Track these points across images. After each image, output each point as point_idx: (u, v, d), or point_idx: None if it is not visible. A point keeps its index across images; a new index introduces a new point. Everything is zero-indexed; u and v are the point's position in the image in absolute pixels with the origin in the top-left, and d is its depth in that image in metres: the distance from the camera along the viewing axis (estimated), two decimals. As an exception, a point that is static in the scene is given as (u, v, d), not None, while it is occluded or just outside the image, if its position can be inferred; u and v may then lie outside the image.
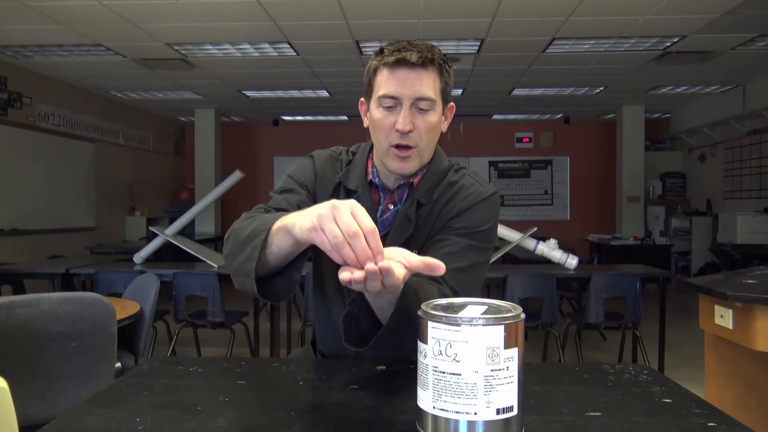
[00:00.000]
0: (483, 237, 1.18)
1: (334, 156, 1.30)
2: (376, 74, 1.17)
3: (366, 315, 0.97)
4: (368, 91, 1.21)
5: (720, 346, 2.24)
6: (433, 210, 1.20)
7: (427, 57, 1.13)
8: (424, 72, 1.13)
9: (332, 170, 1.27)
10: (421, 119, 1.14)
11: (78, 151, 7.10)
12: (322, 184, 1.25)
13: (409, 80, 1.12)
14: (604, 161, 9.50)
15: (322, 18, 4.62)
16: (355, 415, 0.79)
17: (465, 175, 1.26)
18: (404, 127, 1.12)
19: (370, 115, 1.20)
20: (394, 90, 1.13)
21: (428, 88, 1.13)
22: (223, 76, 6.61)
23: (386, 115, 1.15)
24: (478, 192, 1.21)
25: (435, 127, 1.17)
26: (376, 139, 1.20)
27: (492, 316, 0.66)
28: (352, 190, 1.23)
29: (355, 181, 1.24)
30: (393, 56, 1.13)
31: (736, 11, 4.39)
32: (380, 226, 1.20)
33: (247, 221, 1.07)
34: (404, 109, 1.13)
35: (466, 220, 1.18)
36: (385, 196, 1.24)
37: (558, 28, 4.87)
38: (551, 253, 4.16)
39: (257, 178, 9.81)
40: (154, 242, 4.51)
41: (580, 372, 1.00)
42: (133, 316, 2.49)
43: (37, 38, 5.13)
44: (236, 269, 1.01)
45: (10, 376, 0.96)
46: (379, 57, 1.17)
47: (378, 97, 1.16)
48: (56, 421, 0.75)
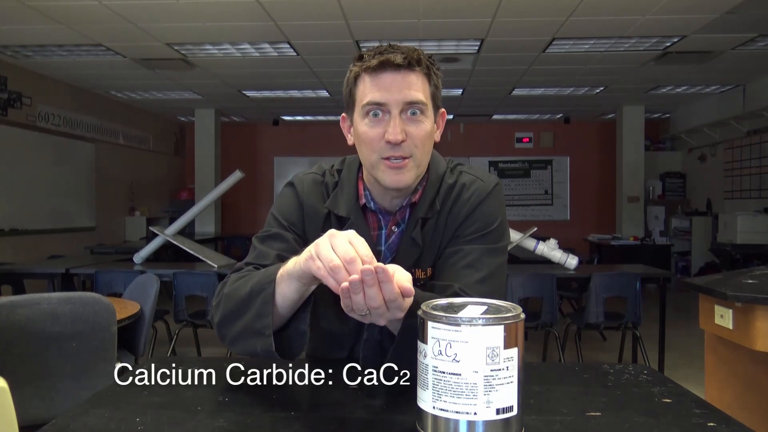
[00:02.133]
0: (496, 236, 1.08)
1: (317, 180, 1.15)
2: (357, 83, 1.04)
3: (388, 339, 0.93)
4: (349, 104, 1.08)
5: (720, 346, 2.24)
6: (438, 221, 1.09)
7: (413, 57, 1.01)
8: (412, 74, 1.01)
9: (318, 197, 1.13)
10: (413, 127, 1.02)
11: (78, 151, 7.10)
12: (310, 216, 1.12)
13: (396, 84, 1.00)
14: (604, 161, 9.50)
15: (322, 18, 4.62)
16: (355, 415, 0.79)
17: (462, 173, 1.14)
18: (395, 137, 0.99)
19: (355, 131, 1.07)
20: (379, 96, 1.00)
21: (417, 91, 1.01)
22: (223, 76, 6.61)
23: (373, 126, 1.02)
24: (481, 188, 1.10)
25: (429, 136, 1.05)
26: (363, 153, 1.06)
27: (492, 316, 0.66)
28: (344, 217, 1.10)
29: (345, 207, 1.11)
30: (375, 59, 1.01)
31: (736, 11, 4.38)
32: (387, 251, 1.11)
33: (240, 282, 0.98)
34: (393, 117, 1.01)
35: (476, 222, 1.08)
36: (386, 219, 1.12)
37: (558, 28, 4.87)
38: (551, 253, 4.16)
39: (257, 178, 9.81)
40: (154, 242, 4.51)
41: (580, 372, 1.00)
42: (133, 316, 2.49)
43: (37, 38, 5.13)
44: (240, 332, 0.94)
45: (10, 376, 0.96)
46: (359, 63, 1.04)
47: (362, 107, 1.03)
48: (56, 421, 0.75)
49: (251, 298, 0.93)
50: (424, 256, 1.09)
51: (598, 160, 9.67)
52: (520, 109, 8.64)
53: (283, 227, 1.11)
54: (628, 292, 3.82)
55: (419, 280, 1.10)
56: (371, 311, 0.79)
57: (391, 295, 0.77)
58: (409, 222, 1.10)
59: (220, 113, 8.96)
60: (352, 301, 0.78)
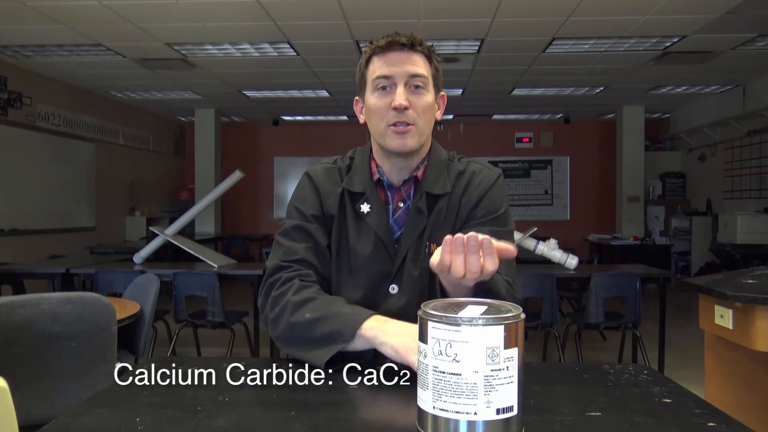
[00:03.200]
0: (504, 220, 1.20)
1: (328, 167, 1.27)
2: (368, 65, 1.20)
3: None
4: (361, 86, 1.23)
5: (720, 346, 2.24)
6: (451, 202, 1.20)
7: (416, 40, 1.17)
8: (415, 53, 1.16)
9: (331, 181, 1.24)
10: (416, 98, 1.16)
11: (78, 151, 7.10)
12: (326, 196, 1.22)
13: (401, 59, 1.15)
14: (604, 161, 9.50)
15: (322, 18, 4.62)
16: (355, 415, 0.79)
17: (470, 162, 1.27)
18: (400, 102, 1.13)
19: (366, 105, 1.21)
20: (387, 71, 1.15)
21: (420, 66, 1.16)
22: (223, 76, 6.61)
23: (382, 97, 1.16)
24: (489, 176, 1.23)
25: (430, 107, 1.18)
26: (373, 124, 1.20)
27: (492, 316, 0.66)
28: (359, 192, 1.21)
29: (360, 184, 1.22)
30: (383, 40, 1.17)
31: (736, 11, 4.38)
32: (395, 226, 1.21)
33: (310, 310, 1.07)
34: (399, 86, 1.15)
35: (487, 205, 1.19)
36: (392, 194, 1.23)
37: (558, 28, 4.87)
38: (551, 253, 4.16)
39: (257, 178, 9.81)
40: (154, 242, 4.51)
41: (580, 372, 1.00)
42: (133, 316, 2.49)
43: (37, 38, 5.13)
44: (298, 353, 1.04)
45: (10, 376, 0.96)
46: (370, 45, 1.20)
47: (372, 81, 1.18)
48: (56, 421, 0.75)
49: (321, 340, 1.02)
50: (438, 232, 1.18)
51: (598, 160, 9.67)
52: (520, 109, 8.64)
53: (304, 217, 1.20)
54: (628, 292, 3.82)
55: None
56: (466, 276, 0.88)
57: (491, 267, 0.87)
58: (414, 196, 1.21)
59: (220, 113, 8.96)
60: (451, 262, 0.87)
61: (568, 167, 9.79)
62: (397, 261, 1.18)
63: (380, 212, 1.20)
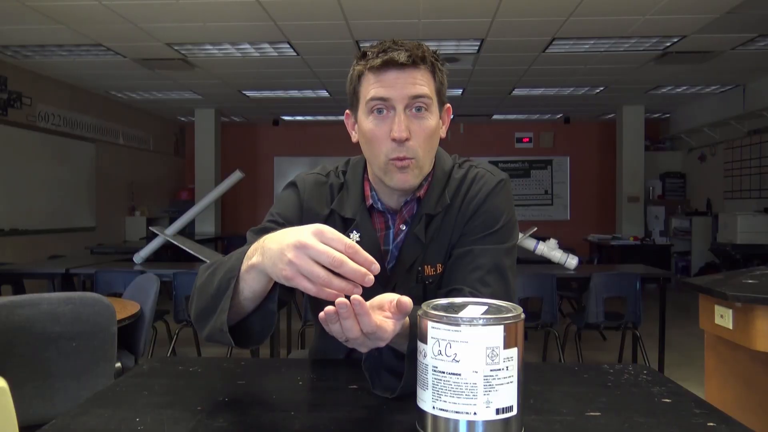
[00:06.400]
0: (502, 235, 1.07)
1: (320, 181, 1.15)
2: (360, 80, 1.05)
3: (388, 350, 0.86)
4: (353, 101, 1.08)
5: (720, 346, 2.24)
6: (447, 215, 1.09)
7: (417, 55, 1.01)
8: (416, 71, 1.01)
9: (320, 199, 1.13)
10: (417, 124, 1.02)
11: (78, 151, 7.10)
12: (309, 218, 1.09)
13: (400, 81, 1.00)
14: (604, 161, 9.51)
15: (322, 18, 4.62)
16: (355, 415, 0.79)
17: (471, 167, 1.14)
18: (400, 134, 0.99)
19: (359, 128, 1.07)
20: (384, 92, 1.01)
21: (422, 85, 1.01)
22: (223, 76, 6.61)
23: (378, 124, 1.02)
24: (489, 182, 1.10)
25: (434, 133, 1.05)
26: (370, 153, 1.06)
27: (492, 316, 0.66)
28: (349, 218, 1.09)
29: (350, 209, 1.10)
30: (379, 58, 1.00)
31: (736, 11, 4.39)
32: (394, 250, 1.10)
33: (208, 274, 0.95)
34: (398, 113, 1.01)
35: (484, 218, 1.07)
36: (393, 218, 1.11)
37: (558, 28, 4.87)
38: (551, 253, 4.15)
39: (257, 178, 9.81)
40: (154, 242, 4.50)
41: (579, 372, 1.00)
42: (133, 316, 2.49)
43: (37, 38, 5.13)
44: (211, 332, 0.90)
45: (10, 376, 0.96)
46: (362, 61, 1.04)
47: (366, 102, 1.03)
48: (56, 421, 0.75)
49: (218, 294, 0.89)
50: (432, 252, 1.08)
51: (598, 160, 9.67)
52: (520, 109, 8.64)
53: (279, 224, 1.08)
54: (628, 292, 3.82)
55: (428, 277, 1.09)
56: (350, 340, 0.75)
57: (368, 328, 0.73)
58: (414, 219, 1.10)
59: (220, 113, 8.96)
60: (330, 329, 0.74)
61: (568, 167, 9.79)
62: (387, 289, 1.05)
63: (371, 242, 1.08)
